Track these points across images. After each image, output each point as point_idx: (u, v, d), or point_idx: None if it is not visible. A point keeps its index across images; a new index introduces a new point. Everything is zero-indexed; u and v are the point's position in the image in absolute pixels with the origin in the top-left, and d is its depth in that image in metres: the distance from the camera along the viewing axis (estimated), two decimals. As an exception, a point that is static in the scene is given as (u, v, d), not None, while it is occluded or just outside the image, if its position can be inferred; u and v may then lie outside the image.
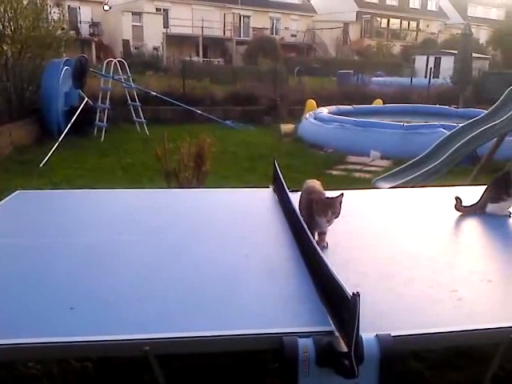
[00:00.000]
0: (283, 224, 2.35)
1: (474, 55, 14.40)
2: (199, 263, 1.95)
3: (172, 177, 4.48)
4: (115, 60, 10.36)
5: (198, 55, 32.54)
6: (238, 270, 1.88)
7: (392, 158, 7.75)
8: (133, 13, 30.68)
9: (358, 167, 7.58)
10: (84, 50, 23.94)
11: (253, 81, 14.90)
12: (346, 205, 1.93)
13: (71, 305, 1.56)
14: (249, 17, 37.43)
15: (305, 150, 8.68)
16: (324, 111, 10.45)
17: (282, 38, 36.26)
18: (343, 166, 7.60)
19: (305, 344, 1.35)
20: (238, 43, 34.38)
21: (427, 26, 45.04)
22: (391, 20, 43.05)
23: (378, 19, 42.61)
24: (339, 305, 1.38)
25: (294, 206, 2.20)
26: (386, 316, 1.54)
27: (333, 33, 37.09)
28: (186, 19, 32.90)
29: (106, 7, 31.39)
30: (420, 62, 24.97)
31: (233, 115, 11.90)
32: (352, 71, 19.16)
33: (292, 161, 7.33)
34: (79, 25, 29.34)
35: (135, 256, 2.02)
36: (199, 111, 11.30)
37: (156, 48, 29.67)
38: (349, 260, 1.96)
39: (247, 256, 2.01)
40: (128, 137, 9.53)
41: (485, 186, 2.60)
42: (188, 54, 29.80)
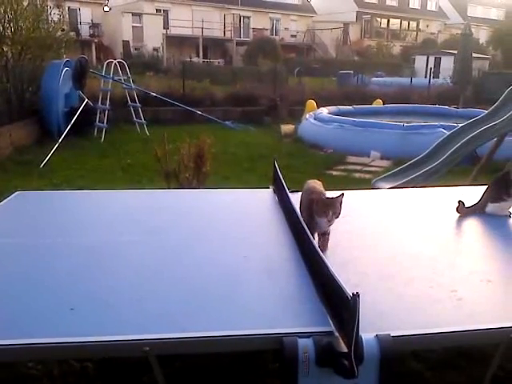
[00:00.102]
0: (283, 224, 2.35)
1: (474, 55, 14.39)
2: (199, 264, 1.95)
3: (172, 177, 4.49)
4: (115, 61, 10.37)
5: (198, 56, 32.55)
6: (239, 271, 1.88)
7: (392, 159, 7.75)
8: (133, 14, 30.71)
9: (358, 167, 7.58)
10: (84, 51, 23.97)
11: (253, 81, 14.90)
12: (346, 205, 1.94)
13: (71, 305, 1.56)
14: (249, 17, 37.45)
15: (305, 151, 8.68)
16: (324, 111, 10.45)
17: (282, 39, 36.28)
18: (343, 167, 7.60)
19: (305, 344, 1.35)
20: (238, 44, 34.40)
21: (427, 26, 45.05)
22: (391, 20, 43.07)
23: (378, 19, 42.62)
24: (339, 305, 1.38)
25: (294, 207, 2.20)
26: (386, 316, 1.54)
27: (333, 33, 37.12)
28: (186, 20, 32.92)
29: (106, 8, 31.45)
30: (420, 62, 24.98)
31: (233, 116, 11.90)
32: (352, 71, 19.18)
33: (292, 161, 7.33)
34: (79, 26, 29.36)
35: (135, 256, 2.02)
36: (199, 112, 11.30)
37: (156, 49, 29.69)
38: (349, 260, 1.96)
39: (247, 257, 2.01)
40: (128, 137, 9.53)
41: (485, 186, 2.60)
42: (188, 55, 29.85)
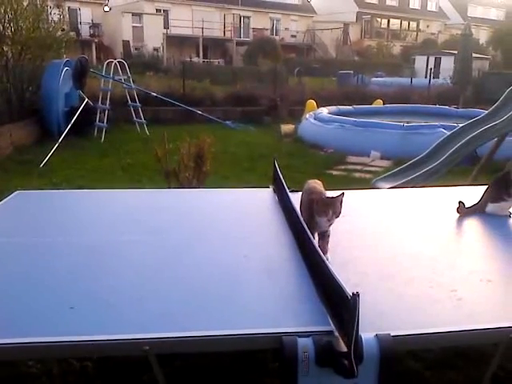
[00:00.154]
0: (283, 224, 2.35)
1: (474, 55, 14.40)
2: (199, 263, 1.95)
3: (172, 177, 4.49)
4: (115, 61, 10.37)
5: (198, 56, 32.55)
6: (239, 270, 1.88)
7: (392, 158, 7.75)
8: (133, 14, 30.70)
9: (358, 167, 7.57)
10: (84, 51, 23.96)
11: (253, 81, 14.90)
12: (346, 205, 1.94)
13: (71, 304, 1.56)
14: (249, 17, 37.44)
15: (305, 151, 8.67)
16: (324, 111, 10.45)
17: (282, 39, 36.27)
18: (343, 166, 7.60)
19: (304, 344, 1.35)
20: (238, 44, 34.39)
21: (427, 27, 45.04)
22: (391, 20, 43.06)
23: (378, 20, 42.61)
24: (339, 305, 1.38)
25: (294, 206, 2.19)
26: (386, 316, 1.54)
27: (333, 33, 37.11)
28: (186, 20, 32.91)
29: (106, 8, 31.44)
30: (420, 63, 24.96)
31: (233, 116, 11.90)
32: (352, 71, 19.18)
33: (292, 161, 7.33)
34: (79, 26, 29.35)
35: (135, 256, 2.02)
36: (199, 112, 11.29)
37: (156, 49, 29.69)
38: (349, 260, 1.96)
39: (247, 256, 2.01)
40: (128, 137, 9.53)
41: (485, 186, 2.60)
42: (188, 55, 29.85)
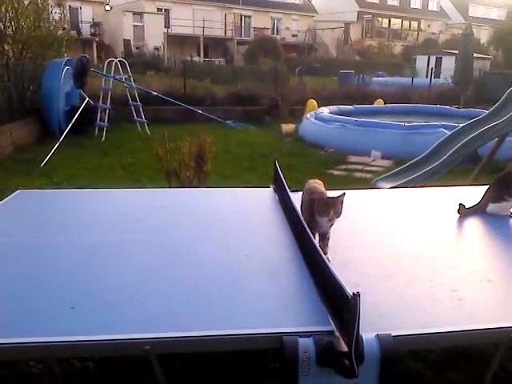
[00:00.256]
0: (284, 224, 2.35)
1: (475, 55, 14.38)
2: (200, 263, 1.95)
3: (173, 176, 4.49)
4: (116, 60, 10.37)
5: (199, 55, 32.54)
6: (239, 270, 1.88)
7: (393, 158, 7.75)
8: (134, 13, 30.68)
9: (359, 167, 7.57)
10: (85, 50, 23.97)
11: (254, 81, 14.89)
12: (347, 205, 1.93)
13: (72, 304, 1.56)
14: (250, 17, 37.42)
15: (305, 150, 8.67)
16: (325, 111, 10.44)
17: (283, 38, 36.24)
18: (344, 166, 7.59)
19: (305, 344, 1.35)
20: (239, 43, 34.37)
21: (428, 26, 45.00)
22: (392, 20, 43.02)
23: (379, 19, 42.57)
24: (340, 304, 1.38)
25: (295, 206, 2.19)
26: (387, 316, 1.54)
27: (334, 33, 37.09)
28: (187, 19, 32.88)
29: (107, 7, 31.40)
30: (421, 62, 24.95)
31: (234, 115, 11.90)
32: (353, 71, 19.19)
33: (293, 160, 7.33)
34: (80, 25, 29.33)
35: (136, 255, 2.02)
36: (200, 111, 11.29)
37: (157, 48, 29.68)
38: (349, 260, 1.96)
39: (247, 256, 2.01)
40: (129, 136, 9.54)
41: (486, 186, 2.60)
42: (189, 54, 29.86)
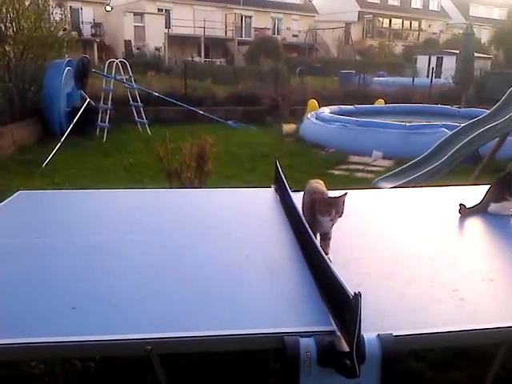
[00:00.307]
0: (285, 224, 2.35)
1: (476, 55, 14.38)
2: (201, 263, 1.95)
3: (174, 177, 4.49)
4: (117, 60, 10.38)
5: (200, 55, 32.56)
6: (240, 270, 1.88)
7: (394, 158, 7.75)
8: (135, 13, 30.72)
9: (360, 167, 7.57)
10: (86, 51, 23.95)
11: (254, 81, 14.90)
12: (348, 204, 1.93)
13: (73, 304, 1.56)
14: (250, 17, 37.43)
15: (306, 150, 8.67)
16: (326, 111, 10.44)
17: (284, 38, 36.25)
18: (345, 166, 7.59)
19: (306, 344, 1.35)
20: (240, 43, 34.38)
21: (429, 26, 44.98)
22: (393, 20, 43.01)
23: (380, 19, 42.57)
24: (341, 304, 1.38)
25: (296, 206, 2.19)
26: (388, 316, 1.54)
27: (334, 33, 37.06)
28: (188, 20, 32.90)
29: (108, 8, 31.46)
30: (422, 62, 24.94)
31: (234, 115, 11.90)
32: (354, 71, 19.16)
33: (294, 161, 7.33)
34: (81, 25, 29.37)
35: (137, 256, 2.02)
36: (201, 111, 11.29)
37: (158, 48, 29.70)
38: (350, 260, 1.96)
39: (248, 256, 2.01)
40: (130, 137, 9.54)
41: (487, 186, 2.60)
42: (190, 55, 29.87)
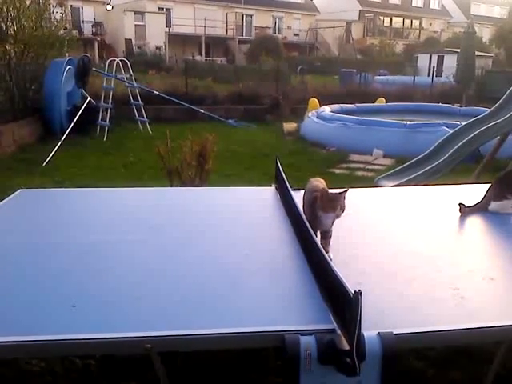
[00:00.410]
0: (285, 222, 2.35)
1: (477, 54, 14.37)
2: (202, 261, 1.95)
3: (174, 175, 4.49)
4: (118, 59, 10.39)
5: (201, 54, 32.54)
6: (241, 269, 1.88)
7: (395, 157, 7.75)
8: (135, 12, 30.72)
9: (361, 166, 7.57)
10: (86, 50, 23.97)
11: (255, 80, 14.86)
12: (349, 203, 1.93)
13: (73, 303, 1.57)
14: (251, 16, 37.43)
15: (307, 149, 8.67)
16: (327, 110, 10.43)
17: (285, 37, 36.24)
18: (346, 165, 7.59)
19: (307, 342, 1.34)
20: (241, 42, 34.38)
21: (430, 25, 44.95)
22: (394, 19, 43.01)
23: (381, 18, 42.55)
24: (341, 303, 1.38)
25: (297, 205, 2.19)
26: (388, 314, 1.54)
27: (335, 32, 37.04)
28: (189, 18, 32.91)
29: (109, 7, 31.43)
30: (423, 61, 24.93)
31: (235, 114, 11.90)
32: (355, 70, 19.13)
33: (294, 159, 7.32)
34: (82, 24, 29.40)
35: (138, 254, 2.02)
36: (202, 110, 11.30)
37: (158, 47, 29.70)
38: (351, 258, 1.96)
39: (249, 254, 2.01)
40: (130, 136, 9.55)
41: (488, 185, 2.60)
42: (190, 53, 29.87)
